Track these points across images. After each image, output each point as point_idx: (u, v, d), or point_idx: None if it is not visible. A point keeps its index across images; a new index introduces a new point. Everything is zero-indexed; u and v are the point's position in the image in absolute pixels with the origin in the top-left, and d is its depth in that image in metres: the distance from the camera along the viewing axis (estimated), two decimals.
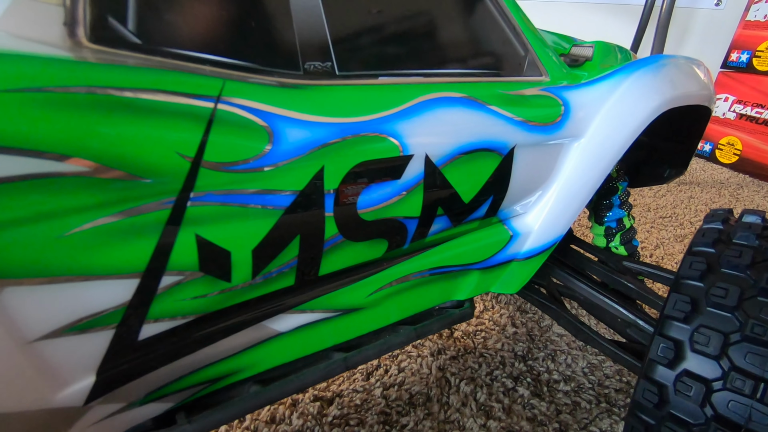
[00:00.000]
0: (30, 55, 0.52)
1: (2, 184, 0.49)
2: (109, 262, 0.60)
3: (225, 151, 0.64)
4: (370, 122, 0.78)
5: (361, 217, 0.82)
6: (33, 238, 0.53)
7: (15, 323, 0.55)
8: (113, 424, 0.71)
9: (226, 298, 0.74)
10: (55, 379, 0.61)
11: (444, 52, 0.93)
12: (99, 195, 0.56)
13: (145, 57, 0.62)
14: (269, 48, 0.73)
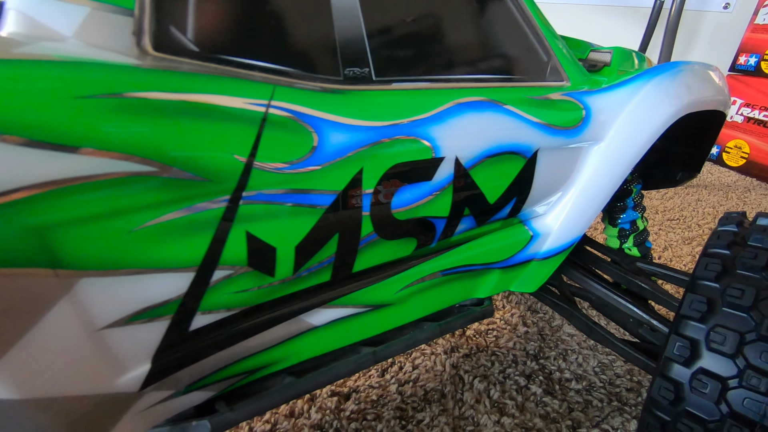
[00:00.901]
0: (103, 63, 0.56)
1: (82, 183, 0.53)
2: (170, 256, 0.64)
3: (274, 152, 0.68)
4: (405, 125, 0.82)
5: (395, 217, 0.86)
6: (107, 233, 0.57)
7: (87, 312, 0.59)
8: (161, 411, 0.75)
9: (268, 292, 0.79)
10: (116, 366, 0.65)
11: (473, 58, 0.97)
12: (164, 193, 0.60)
13: (202, 64, 0.66)
14: (313, 55, 0.77)
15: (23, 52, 0.52)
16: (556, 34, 1.13)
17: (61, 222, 0.54)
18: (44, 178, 0.51)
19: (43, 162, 0.51)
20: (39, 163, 0.50)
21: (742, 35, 4.24)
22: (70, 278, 0.57)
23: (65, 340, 0.58)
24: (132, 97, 0.57)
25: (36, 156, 0.50)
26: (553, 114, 1.03)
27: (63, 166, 0.52)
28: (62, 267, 0.56)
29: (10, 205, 0.49)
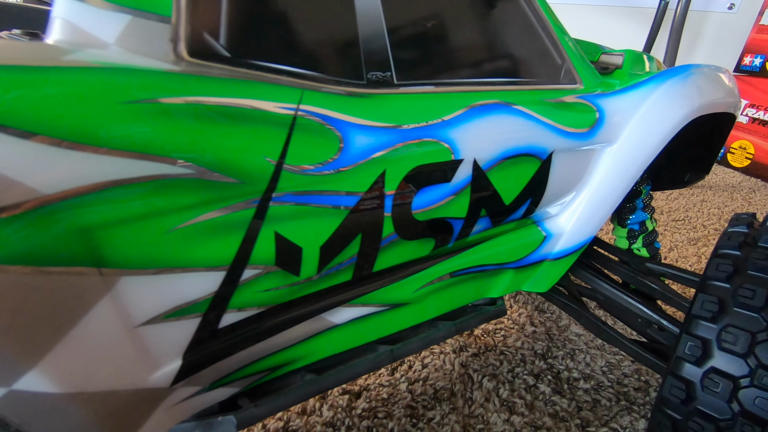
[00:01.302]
0: (143, 69, 0.59)
1: (125, 185, 0.56)
2: (203, 255, 0.66)
3: (303, 155, 0.71)
4: (426, 128, 0.84)
5: (415, 218, 0.88)
6: (146, 233, 0.60)
7: (126, 309, 0.61)
8: (189, 406, 0.78)
9: (293, 291, 0.81)
10: (151, 362, 0.67)
11: (490, 62, 0.99)
12: (200, 195, 0.62)
13: (233, 69, 0.68)
14: (338, 60, 0.79)
15: (71, 59, 0.54)
16: (570, 37, 1.15)
17: (105, 223, 0.56)
18: (90, 180, 0.53)
19: (90, 164, 0.53)
20: (86, 165, 0.53)
21: (747, 36, 4.26)
22: (112, 277, 0.59)
23: (106, 336, 0.60)
24: (170, 102, 0.59)
25: (83, 159, 0.52)
26: (568, 117, 1.05)
27: (107, 168, 0.54)
28: (105, 266, 0.58)
29: (59, 207, 0.52)
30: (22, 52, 0.51)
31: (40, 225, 0.51)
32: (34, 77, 0.51)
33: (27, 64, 0.51)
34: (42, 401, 0.55)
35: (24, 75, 0.50)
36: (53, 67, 0.52)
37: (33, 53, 0.52)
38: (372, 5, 0.82)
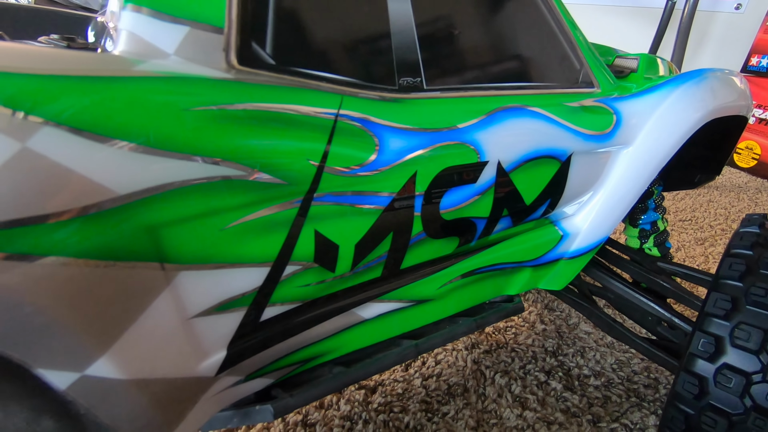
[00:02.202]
0: (201, 78, 0.63)
1: (186, 186, 0.60)
2: (251, 252, 0.71)
3: (342, 157, 0.75)
4: (454, 131, 0.89)
5: (442, 217, 0.93)
6: (203, 230, 0.64)
7: (182, 302, 0.66)
8: (229, 395, 0.82)
9: (328, 286, 0.86)
10: (200, 352, 0.72)
11: (514, 66, 1.04)
12: (250, 195, 0.67)
13: (278, 76, 0.72)
14: (373, 66, 0.84)
15: (140, 69, 0.59)
16: (588, 42, 1.19)
17: (168, 221, 0.60)
18: (157, 181, 0.58)
19: (156, 167, 0.57)
20: (153, 167, 0.57)
21: (754, 36, 4.29)
22: (172, 271, 0.63)
23: (164, 327, 0.65)
24: (224, 108, 0.63)
25: (150, 162, 0.57)
26: (587, 120, 1.10)
27: (172, 170, 0.59)
28: (167, 261, 0.62)
29: (130, 206, 0.56)
30: (97, 63, 0.56)
31: (113, 223, 0.55)
32: (110, 86, 0.55)
33: (103, 74, 0.56)
34: (109, 386, 0.60)
35: (101, 84, 0.55)
36: (126, 77, 0.57)
37: (107, 64, 0.57)
38: (404, 15, 0.86)
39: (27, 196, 0.48)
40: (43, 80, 0.51)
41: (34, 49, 0.53)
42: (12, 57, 0.51)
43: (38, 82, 0.51)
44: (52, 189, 0.49)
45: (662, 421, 1.21)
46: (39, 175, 0.49)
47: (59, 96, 0.52)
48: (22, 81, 0.50)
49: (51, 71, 0.52)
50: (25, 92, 0.50)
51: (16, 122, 0.48)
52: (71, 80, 0.53)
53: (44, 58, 0.53)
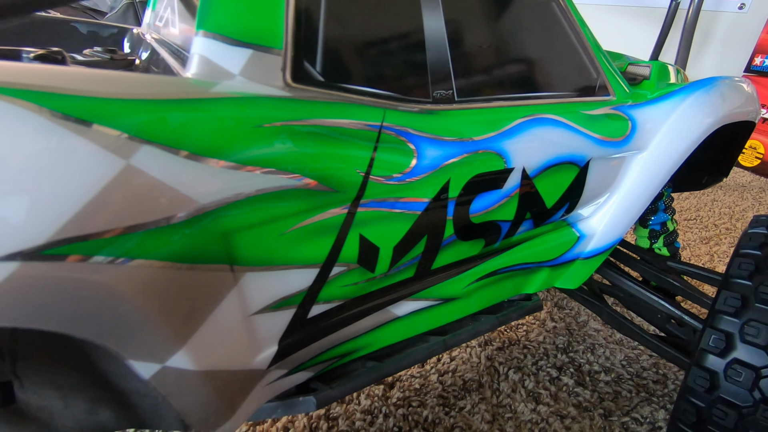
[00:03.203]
0: (267, 97, 0.70)
1: (256, 195, 0.67)
2: (304, 254, 0.78)
3: (385, 166, 0.82)
4: (483, 141, 0.95)
5: (472, 221, 1.00)
6: (267, 235, 0.71)
7: (245, 300, 0.73)
8: (276, 387, 0.89)
9: (367, 286, 0.92)
10: (256, 346, 0.78)
11: (536, 78, 1.10)
12: (306, 202, 0.74)
13: (327, 92, 0.79)
14: (411, 80, 0.90)
15: (215, 91, 0.66)
16: (604, 51, 1.26)
17: (238, 227, 0.67)
18: (232, 191, 0.64)
19: (232, 178, 0.64)
20: (229, 179, 0.64)
21: (757, 36, 4.35)
22: (239, 272, 0.70)
23: (230, 323, 0.71)
24: (287, 124, 0.70)
25: (228, 174, 0.64)
26: (604, 127, 1.16)
27: (244, 181, 0.65)
28: (236, 263, 0.69)
29: (209, 214, 0.63)
30: (182, 87, 0.63)
31: (195, 229, 0.61)
32: (194, 108, 0.62)
33: (188, 97, 0.62)
34: (183, 376, 0.66)
35: (187, 106, 0.62)
36: (206, 99, 0.64)
37: (189, 88, 0.64)
38: (438, 33, 0.93)
39: (130, 208, 0.54)
40: (140, 104, 0.58)
41: (129, 76, 0.60)
42: (113, 84, 0.57)
43: (137, 107, 0.58)
44: (150, 200, 0.56)
45: (673, 413, 1.27)
46: (139, 188, 0.55)
47: (154, 118, 0.58)
48: (123, 105, 0.56)
49: (146, 96, 0.59)
50: (126, 115, 0.56)
51: (120, 142, 0.54)
52: (163, 104, 0.60)
53: (139, 83, 0.60)
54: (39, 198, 0.49)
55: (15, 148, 0.48)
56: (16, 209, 0.48)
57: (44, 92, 0.51)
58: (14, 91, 0.49)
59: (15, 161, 0.48)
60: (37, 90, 0.51)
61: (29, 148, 0.49)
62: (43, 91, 0.51)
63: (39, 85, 0.51)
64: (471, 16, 1.00)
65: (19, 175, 0.48)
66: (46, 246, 0.49)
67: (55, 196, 0.50)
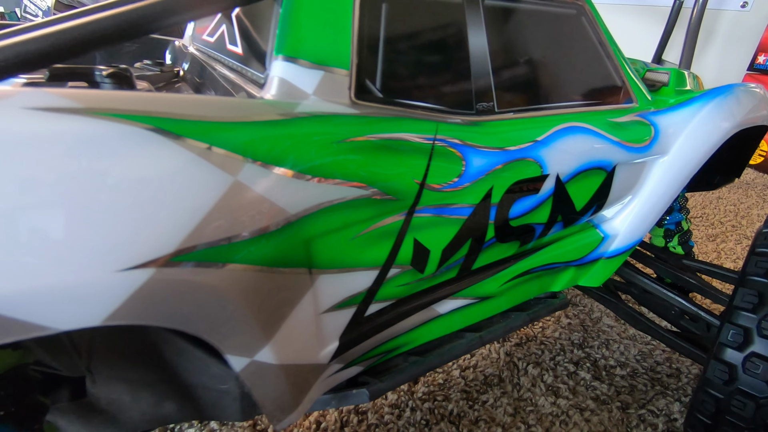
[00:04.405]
0: (341, 116, 0.78)
1: (335, 204, 0.74)
2: (367, 257, 0.85)
3: (437, 175, 0.89)
4: (522, 149, 1.02)
5: (510, 224, 1.07)
6: (340, 240, 0.78)
7: (317, 300, 0.80)
8: (332, 380, 0.96)
9: (416, 286, 1.00)
10: (322, 342, 0.86)
11: (568, 88, 1.18)
12: (372, 210, 0.81)
13: (385, 107, 0.86)
14: (458, 94, 0.98)
15: (298, 111, 0.73)
16: (627, 60, 1.33)
17: (318, 234, 0.74)
18: (314, 201, 0.71)
19: (315, 190, 0.71)
20: (313, 191, 0.71)
21: (760, 34, 4.42)
22: (316, 275, 0.78)
23: (305, 321, 0.79)
24: (357, 140, 0.78)
25: (312, 186, 0.71)
26: (629, 133, 1.24)
27: (325, 192, 0.73)
28: (313, 267, 0.77)
29: (296, 223, 0.70)
30: (271, 109, 0.70)
31: (285, 237, 0.68)
32: (285, 128, 0.70)
33: (277, 118, 0.70)
34: (266, 370, 0.73)
35: (278, 127, 0.69)
36: (292, 119, 0.71)
37: (277, 109, 0.71)
38: (481, 49, 1.00)
39: (238, 218, 0.61)
40: (245, 126, 0.65)
41: (231, 101, 0.67)
42: (221, 109, 0.65)
43: (242, 129, 0.65)
44: (253, 211, 0.63)
45: (692, 405, 1.35)
46: (244, 201, 0.62)
47: (255, 138, 0.65)
48: (232, 128, 0.64)
49: (247, 118, 0.66)
50: (234, 137, 0.63)
51: (230, 161, 0.61)
52: (262, 125, 0.67)
53: (241, 108, 0.67)
54: (169, 211, 0.56)
55: (148, 169, 0.55)
56: (151, 222, 0.54)
57: (169, 118, 0.58)
58: (144, 118, 0.56)
59: (150, 181, 0.54)
60: (163, 116, 0.58)
61: (159, 169, 0.55)
62: (167, 117, 0.58)
63: (165, 112, 0.58)
64: (509, 34, 1.07)
65: (154, 192, 0.55)
66: (175, 253, 0.56)
67: (182, 209, 0.56)
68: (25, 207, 0.48)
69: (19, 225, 0.47)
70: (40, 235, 0.48)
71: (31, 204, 0.48)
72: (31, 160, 0.48)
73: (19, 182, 0.47)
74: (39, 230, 0.48)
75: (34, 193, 0.48)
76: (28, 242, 0.48)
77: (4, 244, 0.47)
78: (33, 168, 0.48)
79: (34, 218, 0.48)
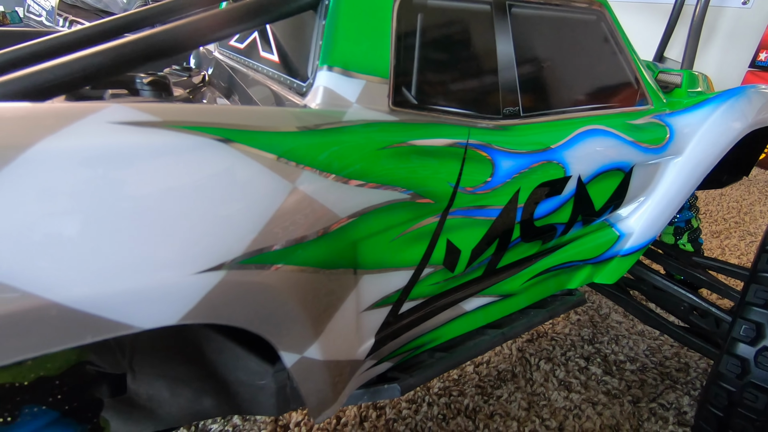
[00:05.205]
0: (383, 123, 0.81)
1: (379, 208, 0.78)
2: (404, 258, 0.89)
3: (470, 178, 0.93)
4: (547, 152, 1.06)
5: (535, 224, 1.11)
6: (382, 242, 0.82)
7: (359, 299, 0.84)
8: (365, 376, 1.00)
9: (446, 284, 1.04)
10: (360, 339, 0.90)
11: (589, 92, 1.22)
12: (410, 212, 0.85)
13: (420, 113, 0.90)
14: (487, 100, 1.01)
15: (346, 120, 0.77)
16: (643, 62, 1.37)
17: (363, 236, 0.78)
18: (362, 205, 0.75)
19: (363, 194, 0.75)
20: (361, 195, 0.75)
21: (761, 31, 4.46)
22: (359, 275, 0.82)
23: (348, 319, 0.82)
24: (398, 146, 0.81)
25: (360, 191, 0.75)
26: (646, 135, 1.28)
27: (371, 196, 0.76)
28: (357, 267, 0.80)
29: (345, 226, 0.74)
30: (321, 119, 0.74)
31: (334, 239, 0.72)
32: (334, 135, 0.73)
33: (327, 127, 0.74)
34: (313, 366, 0.77)
35: (329, 135, 0.73)
36: (340, 128, 0.75)
37: (326, 119, 0.75)
38: (508, 56, 1.04)
39: (297, 223, 0.65)
40: (302, 136, 0.69)
41: (287, 111, 0.71)
42: (279, 119, 0.68)
43: (300, 138, 0.69)
44: (309, 216, 0.67)
45: (703, 397, 1.40)
46: (302, 206, 0.66)
47: (311, 146, 0.69)
48: (291, 137, 0.68)
49: (303, 128, 0.70)
50: (293, 146, 0.67)
51: (290, 169, 0.65)
52: (315, 134, 0.71)
53: (296, 117, 0.71)
54: (238, 217, 0.59)
55: (220, 178, 0.58)
56: (223, 227, 0.58)
57: (237, 129, 0.62)
58: (214, 129, 0.59)
59: (222, 189, 0.58)
60: (231, 128, 0.61)
61: (230, 178, 0.59)
62: (235, 128, 0.62)
63: (233, 123, 0.62)
64: (534, 40, 1.11)
65: (225, 200, 0.59)
66: (243, 256, 0.60)
67: (249, 214, 0.60)
68: (116, 215, 0.51)
69: (109, 232, 0.51)
70: (128, 240, 0.52)
71: (121, 212, 0.51)
72: (119, 171, 0.52)
73: (109, 192, 0.51)
74: (127, 236, 0.52)
75: (123, 202, 0.52)
76: (119, 247, 0.51)
77: (99, 250, 0.50)
78: (121, 179, 0.52)
79: (122, 225, 0.52)
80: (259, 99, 1.02)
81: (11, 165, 0.46)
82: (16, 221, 0.46)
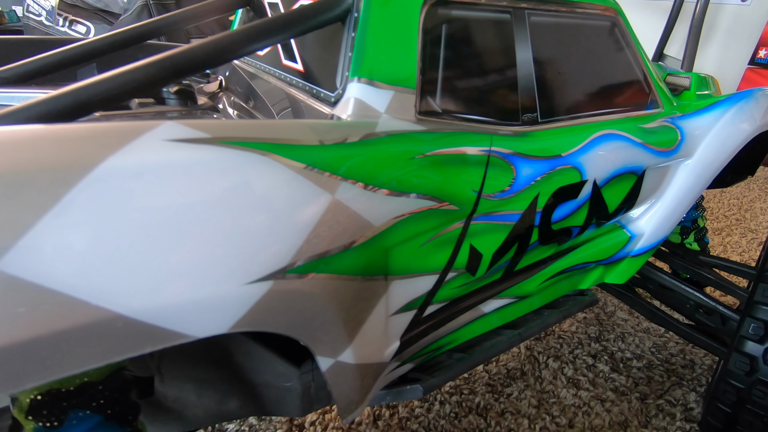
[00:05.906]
0: (413, 133, 0.84)
1: (409, 216, 0.80)
2: (431, 263, 0.92)
3: (492, 185, 0.95)
4: (565, 157, 1.09)
5: (552, 228, 1.14)
6: (410, 248, 0.85)
7: (389, 304, 0.86)
8: (389, 377, 1.03)
9: (467, 287, 1.06)
10: (387, 342, 0.92)
11: (604, 97, 1.24)
12: (438, 219, 0.87)
13: (444, 122, 0.92)
14: (506, 107, 1.04)
15: (378, 131, 0.79)
16: (654, 69, 1.40)
17: (394, 243, 0.81)
18: (394, 214, 0.78)
19: (396, 203, 0.78)
20: (393, 204, 0.77)
21: (761, 28, 4.50)
22: (389, 281, 0.84)
23: (378, 323, 0.85)
24: (427, 155, 0.84)
25: (393, 200, 0.77)
26: (658, 138, 1.31)
27: (403, 205, 0.79)
28: (388, 273, 0.83)
29: (379, 235, 0.76)
30: (356, 130, 0.76)
31: (368, 247, 0.75)
32: (369, 147, 0.76)
33: (362, 139, 0.76)
34: (346, 369, 0.79)
35: (365, 147, 0.75)
36: (374, 139, 0.77)
37: (361, 130, 0.77)
38: (527, 64, 1.07)
39: (336, 232, 0.68)
40: (340, 148, 0.71)
41: (326, 125, 0.73)
42: (320, 132, 0.71)
43: (338, 150, 0.71)
44: (348, 225, 0.69)
45: (711, 394, 1.43)
46: (341, 216, 0.68)
47: (347, 158, 0.72)
48: (331, 150, 0.70)
49: (341, 140, 0.72)
50: (333, 158, 0.69)
51: (330, 182, 0.67)
52: (352, 146, 0.73)
53: (335, 130, 0.73)
54: (284, 228, 0.62)
55: (267, 191, 0.61)
56: (270, 239, 0.60)
57: (281, 144, 0.64)
58: (260, 145, 0.62)
59: (269, 202, 0.61)
60: (276, 142, 0.64)
61: (276, 191, 0.62)
62: (279, 143, 0.64)
63: (277, 137, 0.64)
64: (551, 47, 1.13)
65: (272, 212, 0.61)
66: (288, 267, 0.62)
67: (293, 226, 0.63)
68: (176, 229, 0.54)
69: (170, 245, 0.53)
70: (187, 252, 0.54)
71: (180, 226, 0.54)
72: (179, 187, 0.54)
73: (171, 208, 0.53)
74: (185, 250, 0.54)
75: (180, 218, 0.54)
76: (179, 260, 0.54)
77: (161, 263, 0.53)
78: (177, 194, 0.54)
79: (179, 240, 0.54)
80: (281, 107, 1.04)
81: (81, 184, 0.48)
82: (86, 237, 0.48)
